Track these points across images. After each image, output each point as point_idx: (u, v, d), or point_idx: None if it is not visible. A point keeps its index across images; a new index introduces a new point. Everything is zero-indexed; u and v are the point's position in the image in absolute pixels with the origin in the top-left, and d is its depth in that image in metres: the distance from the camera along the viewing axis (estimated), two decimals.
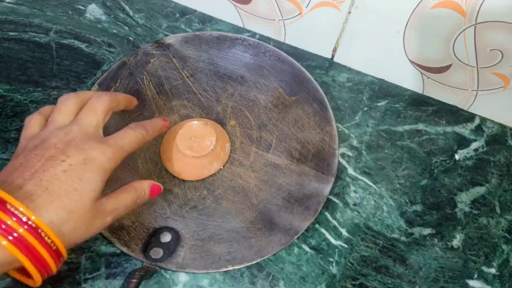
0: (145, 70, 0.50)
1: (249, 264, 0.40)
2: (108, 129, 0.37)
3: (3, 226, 0.27)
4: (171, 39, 0.51)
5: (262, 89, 0.50)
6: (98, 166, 0.32)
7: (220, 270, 0.39)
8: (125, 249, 0.39)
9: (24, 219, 0.28)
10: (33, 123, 0.35)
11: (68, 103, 0.36)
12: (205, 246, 0.41)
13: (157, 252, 0.40)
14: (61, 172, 0.31)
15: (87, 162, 0.32)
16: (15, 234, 0.27)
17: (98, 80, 0.48)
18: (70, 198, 0.30)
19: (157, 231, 0.41)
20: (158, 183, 0.38)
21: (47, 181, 0.30)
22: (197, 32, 0.51)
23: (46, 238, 0.28)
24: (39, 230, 0.28)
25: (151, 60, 0.50)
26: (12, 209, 0.28)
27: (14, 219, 0.27)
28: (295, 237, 0.41)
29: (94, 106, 0.36)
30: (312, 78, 0.48)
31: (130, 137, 0.36)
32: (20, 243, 0.27)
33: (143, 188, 0.37)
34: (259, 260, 0.40)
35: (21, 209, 0.28)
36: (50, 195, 0.29)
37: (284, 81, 0.50)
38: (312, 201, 0.43)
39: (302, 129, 0.47)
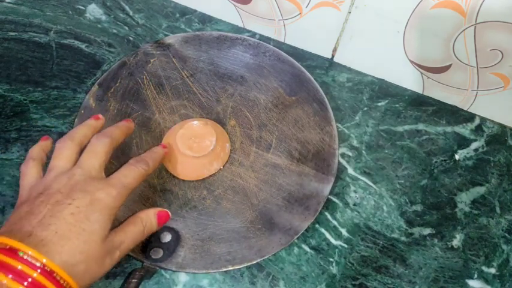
0: (146, 70, 0.50)
1: (249, 264, 0.40)
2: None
3: (17, 272, 0.27)
4: (171, 39, 0.51)
5: (262, 89, 0.50)
6: (104, 206, 0.32)
7: (220, 270, 0.39)
8: None
9: (38, 264, 0.28)
10: (31, 172, 0.35)
11: (66, 148, 0.36)
12: (205, 246, 0.41)
13: (157, 252, 0.40)
14: (69, 215, 0.31)
15: (93, 203, 0.32)
16: (30, 280, 0.27)
17: (98, 80, 0.48)
18: (80, 240, 0.30)
19: (157, 231, 0.41)
20: (165, 210, 0.39)
21: (56, 225, 0.30)
22: (197, 32, 0.51)
23: (61, 281, 0.28)
24: (54, 274, 0.28)
25: (152, 60, 0.50)
26: (24, 256, 0.28)
27: (27, 265, 0.28)
28: (295, 237, 0.41)
29: (95, 149, 0.36)
30: (312, 78, 0.48)
31: (132, 174, 0.36)
32: (35, 287, 0.27)
33: (149, 218, 0.37)
34: (259, 260, 0.40)
35: (32, 253, 0.28)
36: (60, 239, 0.30)
37: (284, 81, 0.50)
38: (312, 201, 0.43)
39: (302, 129, 0.47)
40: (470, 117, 0.52)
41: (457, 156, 0.50)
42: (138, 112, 0.48)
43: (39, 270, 0.28)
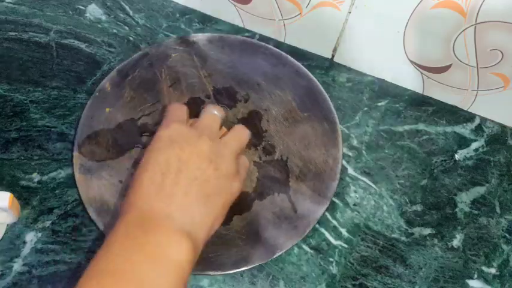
0: (165, 63, 0.50)
1: (224, 273, 0.40)
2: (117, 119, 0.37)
3: None
4: (196, 37, 0.51)
5: (276, 100, 0.49)
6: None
7: (201, 273, 0.40)
8: None
9: None
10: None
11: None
12: None
13: None
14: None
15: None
16: None
17: (118, 66, 0.49)
18: None
19: None
20: None
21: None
22: (223, 34, 0.51)
23: None
24: None
25: (173, 55, 0.50)
26: None
27: None
28: (276, 255, 0.40)
29: (241, 136, 0.42)
30: (328, 98, 0.48)
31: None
32: None
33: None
34: (234, 271, 0.40)
35: None
36: None
37: (299, 96, 0.49)
38: (302, 221, 0.42)
39: (307, 147, 0.47)
40: (470, 117, 0.52)
41: (457, 156, 0.50)
42: (150, 103, 0.48)
43: None
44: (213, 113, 0.42)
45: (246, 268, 0.40)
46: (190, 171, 0.35)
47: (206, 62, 0.51)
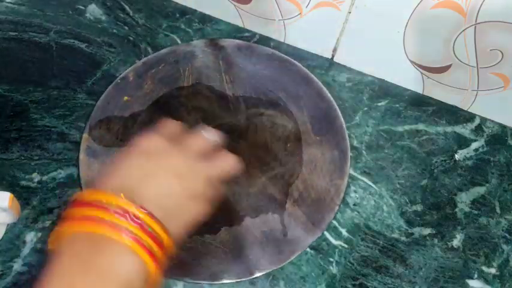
0: (191, 63, 0.50)
1: (198, 282, 0.40)
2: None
3: None
4: (225, 42, 0.51)
5: (291, 118, 0.49)
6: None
7: (176, 279, 0.40)
8: None
9: None
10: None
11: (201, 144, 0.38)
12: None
13: None
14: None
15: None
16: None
17: (144, 58, 0.50)
18: None
19: None
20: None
21: None
22: (253, 44, 0.52)
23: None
24: None
25: (200, 56, 0.51)
26: None
27: None
28: (254, 276, 0.40)
29: (224, 165, 0.38)
30: (344, 126, 0.47)
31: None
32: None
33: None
34: (209, 283, 0.40)
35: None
36: None
37: (315, 118, 0.48)
38: (289, 247, 0.42)
39: (312, 172, 0.46)
40: (470, 117, 0.52)
41: (457, 156, 0.50)
42: (166, 99, 0.49)
43: None
44: (201, 132, 0.39)
45: (221, 282, 0.40)
46: (151, 185, 0.33)
47: (231, 68, 0.51)
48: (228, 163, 0.38)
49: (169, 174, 0.34)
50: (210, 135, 0.39)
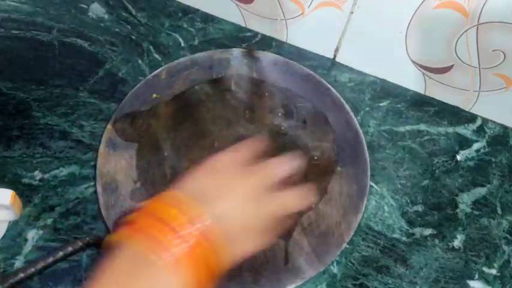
0: (225, 70, 0.50)
1: None
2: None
3: None
4: (262, 54, 0.51)
5: (315, 143, 0.47)
6: None
7: None
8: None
9: None
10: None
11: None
12: None
13: None
14: None
15: None
16: None
17: (179, 59, 0.49)
18: None
19: None
20: None
21: None
22: (289, 60, 0.50)
23: None
24: None
25: (235, 65, 0.50)
26: None
27: None
28: None
29: (299, 202, 0.35)
30: (368, 160, 0.45)
31: None
32: None
33: None
34: None
35: None
36: None
37: (341, 148, 0.47)
38: (287, 277, 0.40)
39: (326, 203, 0.44)
40: (472, 117, 0.52)
41: (458, 157, 0.50)
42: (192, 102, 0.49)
43: None
44: (286, 158, 0.35)
45: None
46: (227, 200, 0.32)
47: (263, 81, 0.50)
48: (303, 201, 0.35)
49: (246, 197, 0.32)
50: (292, 164, 0.36)
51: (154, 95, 0.48)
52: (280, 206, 0.34)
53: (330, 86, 0.49)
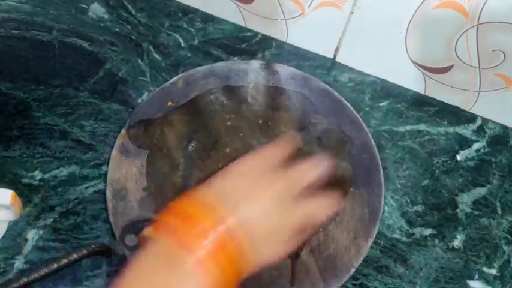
0: (241, 80, 0.49)
1: None
2: None
3: None
4: (280, 67, 0.49)
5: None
6: None
7: None
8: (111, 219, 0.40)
9: None
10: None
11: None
12: None
13: (132, 240, 0.39)
14: None
15: None
16: None
17: (198, 68, 0.48)
18: None
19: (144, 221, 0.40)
20: None
21: None
22: (308, 75, 0.49)
23: None
24: None
25: (252, 76, 0.49)
26: None
27: None
28: None
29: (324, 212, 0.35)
30: (383, 185, 0.43)
31: None
32: None
33: None
34: None
35: None
36: None
37: (357, 169, 0.45)
38: None
39: (336, 225, 0.43)
40: (472, 117, 0.52)
41: (458, 157, 0.50)
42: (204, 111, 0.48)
43: None
44: (313, 166, 0.35)
45: None
46: (255, 201, 0.32)
47: (280, 94, 0.49)
48: (329, 211, 0.35)
49: (272, 202, 0.32)
50: (321, 168, 0.35)
51: (170, 103, 0.47)
52: (307, 214, 0.34)
53: (347, 103, 0.47)
